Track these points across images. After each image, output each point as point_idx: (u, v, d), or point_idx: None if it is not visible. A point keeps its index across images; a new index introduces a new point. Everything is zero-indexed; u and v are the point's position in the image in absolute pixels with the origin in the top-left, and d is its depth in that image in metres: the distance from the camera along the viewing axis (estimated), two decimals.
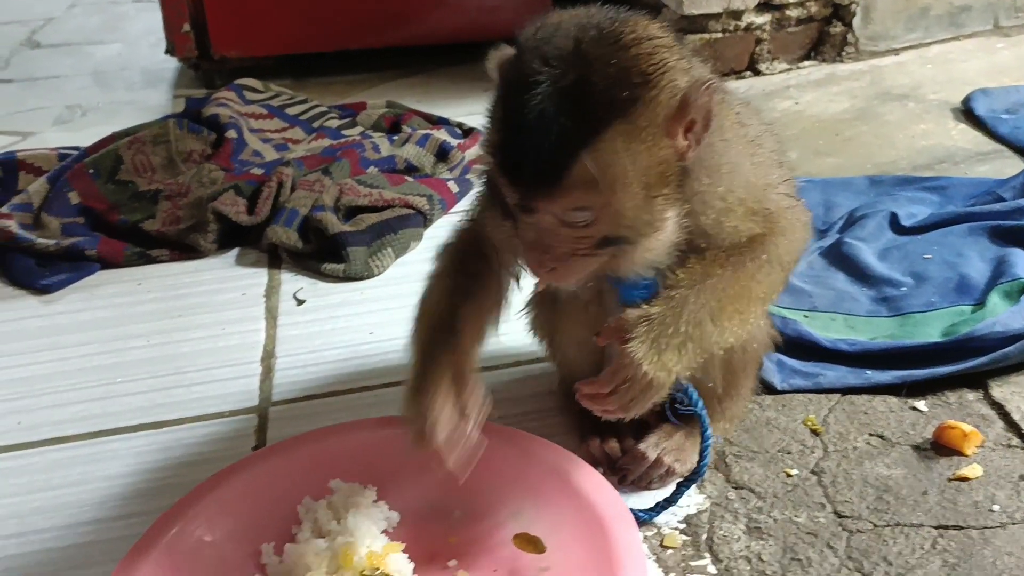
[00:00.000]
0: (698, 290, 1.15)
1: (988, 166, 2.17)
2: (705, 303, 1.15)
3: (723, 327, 1.17)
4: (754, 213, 1.21)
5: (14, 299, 1.97)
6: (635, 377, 1.12)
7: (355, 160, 2.26)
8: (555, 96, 1.03)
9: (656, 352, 1.12)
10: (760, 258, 1.20)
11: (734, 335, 1.19)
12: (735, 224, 1.20)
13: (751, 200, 1.21)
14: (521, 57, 1.08)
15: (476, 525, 1.29)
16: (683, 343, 1.14)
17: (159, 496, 1.41)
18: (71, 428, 1.59)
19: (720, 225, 1.19)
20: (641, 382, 1.12)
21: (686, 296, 1.15)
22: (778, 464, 1.41)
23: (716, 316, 1.16)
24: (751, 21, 2.72)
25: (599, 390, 1.15)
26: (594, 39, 1.06)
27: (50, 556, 1.34)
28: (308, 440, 1.38)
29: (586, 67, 1.04)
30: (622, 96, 1.04)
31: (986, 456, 1.39)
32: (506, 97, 1.09)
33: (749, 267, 1.19)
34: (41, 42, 3.60)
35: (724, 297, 1.17)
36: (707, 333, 1.15)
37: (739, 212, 1.20)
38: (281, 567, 1.23)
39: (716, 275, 1.17)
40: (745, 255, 1.19)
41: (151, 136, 2.33)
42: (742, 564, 1.25)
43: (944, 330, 1.61)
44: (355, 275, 1.95)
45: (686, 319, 1.14)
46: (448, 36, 2.94)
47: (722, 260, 1.18)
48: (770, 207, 1.23)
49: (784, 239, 1.23)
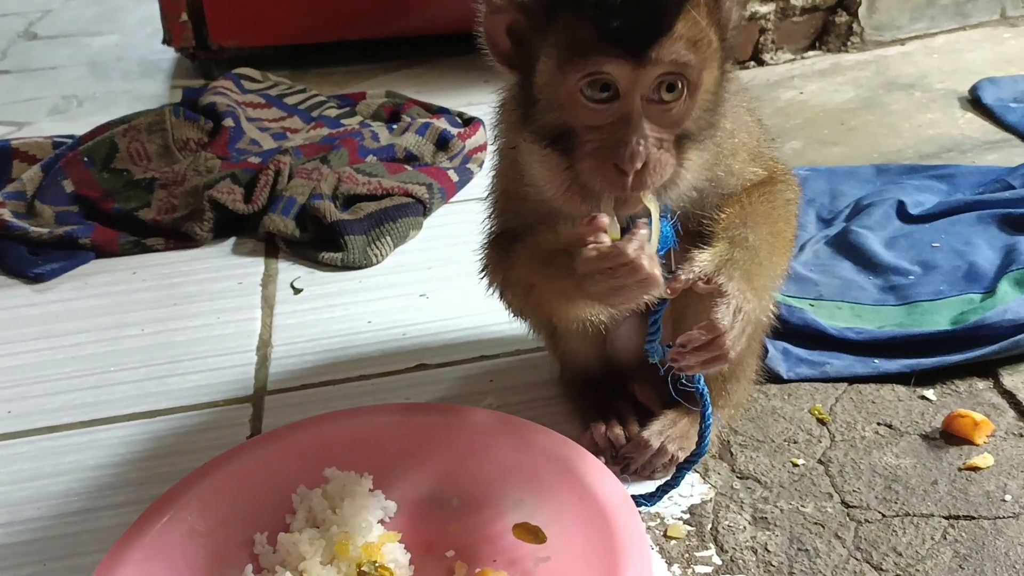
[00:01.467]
0: (751, 226, 1.16)
1: (996, 154, 2.14)
2: (763, 238, 1.16)
3: (779, 258, 1.20)
4: (756, 157, 1.23)
5: (7, 287, 1.94)
6: (745, 309, 1.10)
7: (354, 149, 2.23)
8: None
9: (748, 282, 1.11)
10: (779, 201, 1.23)
11: (784, 269, 1.22)
12: (741, 167, 1.21)
13: (751, 143, 1.23)
14: None
15: (475, 514, 1.26)
16: (763, 272, 1.15)
17: (151, 485, 1.38)
18: (63, 417, 1.56)
19: (730, 169, 1.20)
20: (751, 313, 1.11)
21: (745, 233, 1.15)
22: (784, 453, 1.38)
23: (772, 249, 1.18)
24: (755, 10, 2.69)
25: (717, 332, 1.07)
26: None
27: (40, 545, 1.31)
28: (303, 428, 1.34)
29: None
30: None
31: (997, 445, 1.35)
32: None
33: (780, 208, 1.22)
34: (38, 33, 3.57)
35: (769, 233, 1.18)
36: (773, 265, 1.18)
37: (742, 155, 1.22)
38: (274, 556, 1.20)
39: (758, 212, 1.19)
40: (768, 197, 1.22)
41: (147, 124, 2.30)
42: (747, 555, 1.22)
43: (953, 319, 1.58)
44: (353, 264, 1.92)
45: (757, 248, 1.14)
46: (448, 26, 2.91)
47: (755, 200, 1.20)
48: (767, 153, 1.26)
49: (788, 185, 1.26)
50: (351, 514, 1.21)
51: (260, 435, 1.38)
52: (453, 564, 1.20)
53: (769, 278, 1.17)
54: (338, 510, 1.23)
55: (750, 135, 1.24)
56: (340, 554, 1.17)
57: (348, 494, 1.24)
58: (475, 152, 2.28)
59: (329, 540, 1.19)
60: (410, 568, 1.19)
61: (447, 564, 1.21)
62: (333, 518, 1.22)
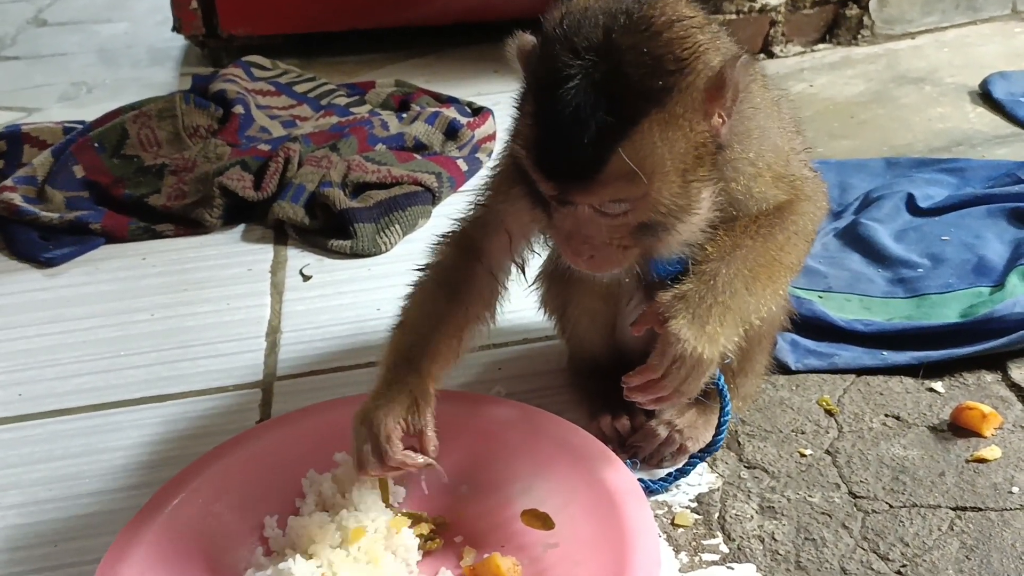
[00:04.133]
0: (728, 261, 1.13)
1: (1007, 149, 2.14)
2: (738, 272, 1.13)
3: (759, 295, 1.16)
4: (780, 179, 1.19)
5: (18, 272, 1.95)
6: (683, 355, 1.09)
7: (363, 137, 2.23)
8: (588, 90, 1.00)
9: (699, 326, 1.10)
10: (788, 228, 1.18)
11: (769, 304, 1.17)
12: (763, 190, 1.18)
13: (777, 164, 1.19)
14: (549, 48, 1.05)
15: (484, 501, 1.26)
16: (723, 313, 1.12)
17: (161, 468, 1.39)
18: (74, 400, 1.57)
19: (749, 191, 1.17)
20: (691, 359, 1.10)
21: (717, 268, 1.13)
22: (792, 444, 1.38)
23: (750, 284, 1.14)
24: (766, 3, 2.68)
25: (650, 376, 1.11)
26: (624, 27, 1.03)
27: (52, 527, 1.32)
28: (314, 412, 1.35)
29: (618, 58, 1.01)
30: (657, 85, 1.02)
31: (1005, 438, 1.36)
32: (538, 92, 1.06)
33: (779, 237, 1.18)
34: (48, 20, 3.58)
35: (756, 265, 1.15)
36: (744, 302, 1.14)
37: (767, 177, 1.18)
38: (284, 539, 1.20)
39: (746, 245, 1.15)
40: (774, 223, 1.18)
41: (157, 111, 2.30)
42: (755, 543, 1.22)
43: (962, 311, 1.58)
44: (362, 251, 1.92)
45: (721, 289, 1.12)
46: (458, 16, 2.91)
47: (752, 231, 1.17)
48: (794, 172, 1.21)
49: (810, 205, 1.22)
50: (360, 498, 1.21)
51: (271, 419, 1.38)
52: (461, 549, 1.21)
53: (736, 317, 1.12)
54: (347, 494, 1.23)
55: (777, 156, 1.20)
56: (355, 539, 1.18)
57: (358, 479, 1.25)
58: (484, 142, 2.28)
59: (338, 524, 1.20)
60: (419, 553, 1.19)
61: (455, 549, 1.21)
62: (342, 502, 1.23)
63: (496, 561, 1.15)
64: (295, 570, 1.11)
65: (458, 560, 1.20)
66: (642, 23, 1.03)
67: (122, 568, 1.11)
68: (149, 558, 1.14)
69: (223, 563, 1.18)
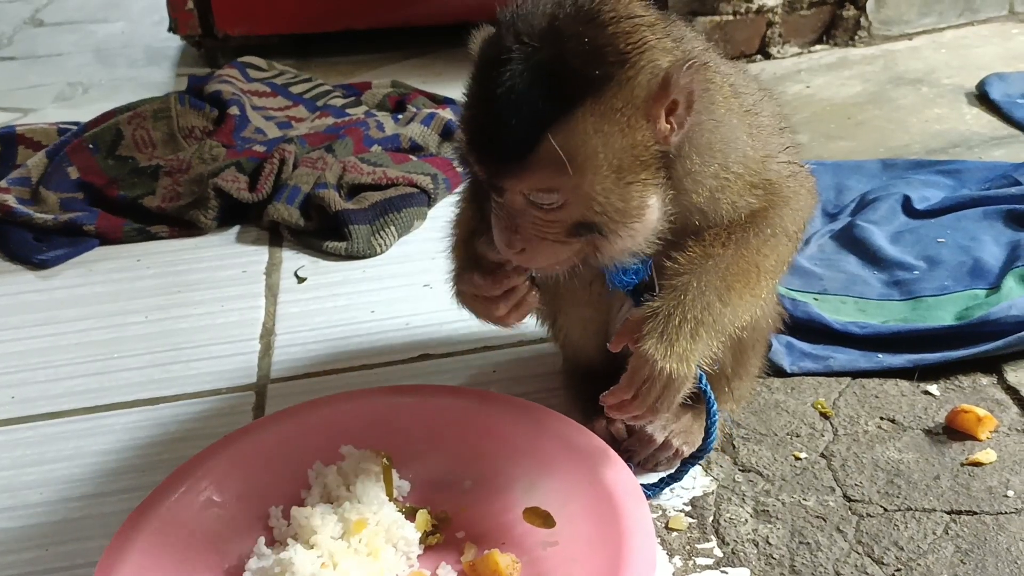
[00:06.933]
0: (699, 273, 1.12)
1: (1004, 150, 2.13)
2: (709, 284, 1.12)
3: (735, 305, 1.13)
4: (754, 187, 1.16)
5: (11, 273, 1.94)
6: (653, 375, 1.09)
7: (359, 138, 2.23)
8: (526, 73, 1.00)
9: (668, 345, 1.09)
10: (764, 232, 1.16)
11: (748, 312, 1.15)
12: (732, 200, 1.15)
13: (749, 174, 1.16)
14: (498, 34, 1.05)
15: (486, 497, 1.26)
16: (694, 329, 1.10)
17: (154, 471, 1.38)
18: (66, 403, 1.57)
19: (716, 201, 1.14)
20: (660, 379, 1.09)
21: (688, 282, 1.11)
22: (786, 447, 1.37)
23: (724, 296, 1.12)
24: (763, 3, 2.68)
25: (623, 397, 1.11)
26: (570, 16, 1.02)
27: (42, 530, 1.31)
28: (322, 405, 1.35)
29: (559, 44, 1.00)
30: (595, 75, 1.00)
31: (1000, 441, 1.35)
32: (479, 73, 1.06)
33: (753, 242, 1.15)
34: (44, 20, 3.57)
35: (729, 275, 1.13)
36: (719, 314, 1.12)
37: (736, 187, 1.15)
38: (287, 530, 1.21)
39: (717, 255, 1.13)
40: (748, 230, 1.15)
41: (152, 111, 2.30)
42: (749, 547, 1.22)
43: (958, 314, 1.57)
44: (357, 253, 1.92)
45: (691, 304, 1.10)
46: (454, 16, 2.90)
47: (723, 238, 1.14)
48: (771, 178, 1.18)
49: (788, 209, 1.19)
50: (364, 491, 1.22)
51: (279, 411, 1.38)
52: (462, 544, 1.21)
53: (710, 330, 1.11)
54: (352, 487, 1.23)
55: (748, 166, 1.15)
56: (357, 531, 1.18)
57: (362, 472, 1.25)
58: None
59: (342, 516, 1.20)
60: (420, 547, 1.20)
61: (457, 544, 1.21)
62: (347, 495, 1.23)
63: (495, 558, 1.15)
64: (296, 560, 1.11)
65: (459, 555, 1.20)
66: (589, 14, 1.03)
67: (127, 555, 1.12)
68: (154, 545, 1.14)
69: (226, 552, 1.18)
